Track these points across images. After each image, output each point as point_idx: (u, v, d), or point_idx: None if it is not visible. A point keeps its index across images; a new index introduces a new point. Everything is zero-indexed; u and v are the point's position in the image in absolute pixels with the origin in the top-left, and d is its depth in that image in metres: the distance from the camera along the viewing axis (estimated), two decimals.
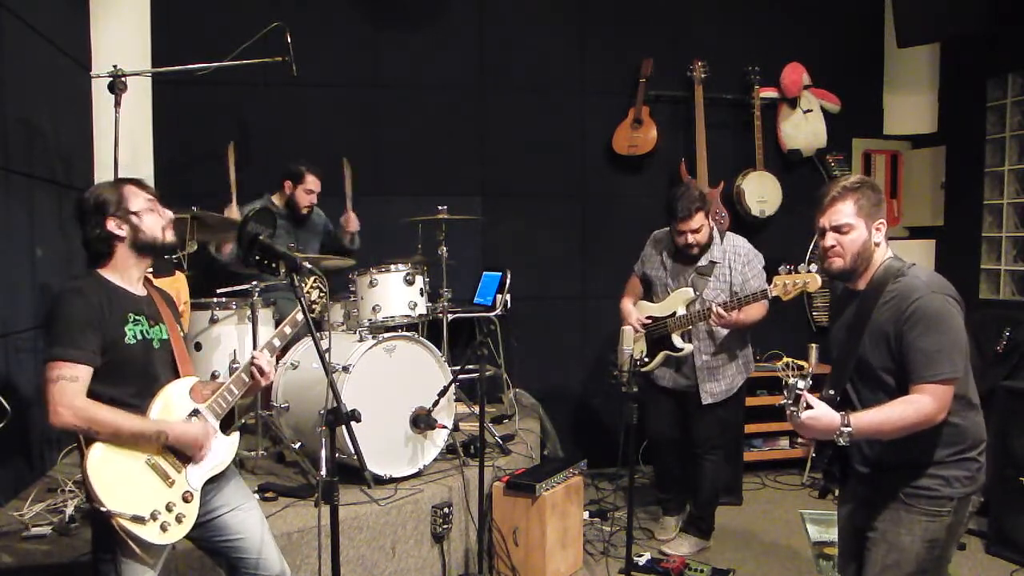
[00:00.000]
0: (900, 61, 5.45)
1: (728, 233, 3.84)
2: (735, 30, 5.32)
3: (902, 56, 5.35)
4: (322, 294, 2.46)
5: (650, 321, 3.83)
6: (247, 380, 2.33)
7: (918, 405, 2.05)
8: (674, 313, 3.73)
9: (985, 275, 4.98)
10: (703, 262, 3.73)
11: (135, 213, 2.21)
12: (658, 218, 5.16)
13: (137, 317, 2.18)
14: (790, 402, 2.01)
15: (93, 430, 2.02)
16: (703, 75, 5.14)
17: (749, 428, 4.80)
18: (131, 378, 2.14)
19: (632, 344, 3.86)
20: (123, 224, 2.20)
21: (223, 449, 2.28)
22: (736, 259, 3.71)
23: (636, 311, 3.87)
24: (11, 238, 3.17)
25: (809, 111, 5.35)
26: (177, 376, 2.27)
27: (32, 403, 3.27)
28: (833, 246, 2.22)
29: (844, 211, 2.19)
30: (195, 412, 2.23)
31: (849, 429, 2.02)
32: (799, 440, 5.18)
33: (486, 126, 5.09)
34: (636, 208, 5.24)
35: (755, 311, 3.59)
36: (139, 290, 2.26)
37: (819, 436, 2.12)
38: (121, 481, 2.04)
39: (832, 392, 2.15)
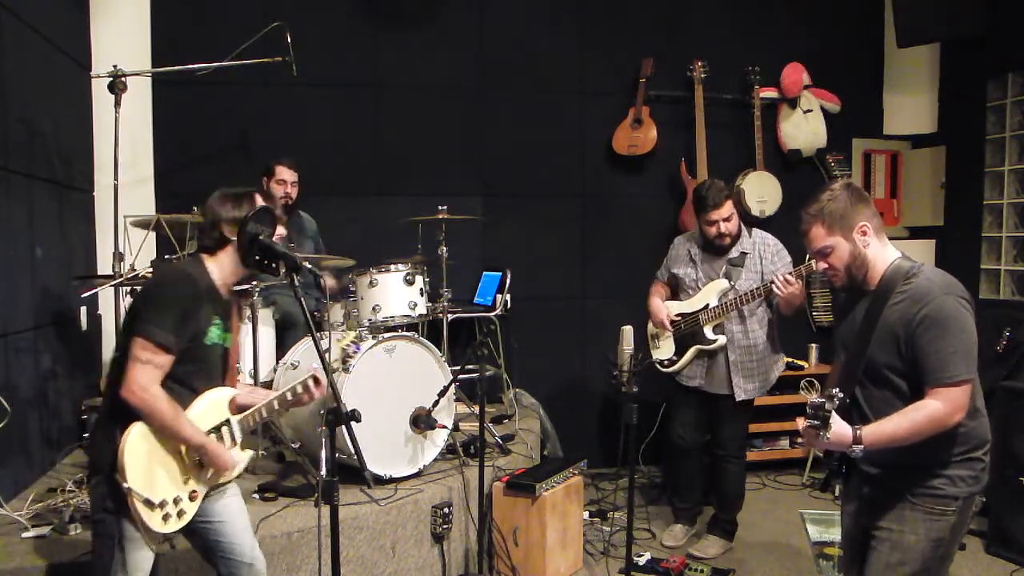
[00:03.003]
0: (900, 61, 5.45)
1: (754, 228, 3.88)
2: (735, 30, 5.32)
3: (902, 56, 5.35)
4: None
5: (679, 318, 3.83)
6: (300, 391, 2.36)
7: (927, 410, 2.05)
8: (707, 305, 3.74)
9: (985, 275, 4.98)
10: (734, 253, 3.76)
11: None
12: (658, 218, 5.21)
13: (218, 320, 2.26)
14: (818, 423, 2.00)
15: (148, 418, 2.10)
16: (703, 75, 5.14)
17: (749, 428, 4.78)
18: (189, 375, 2.21)
19: (632, 344, 3.86)
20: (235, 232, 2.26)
21: (238, 464, 2.34)
22: (766, 249, 3.77)
23: (666, 308, 3.87)
24: (11, 238, 3.16)
25: (809, 111, 5.34)
26: (224, 383, 2.33)
27: (32, 403, 3.27)
28: (826, 268, 2.29)
29: (816, 236, 2.26)
30: (226, 422, 2.29)
31: (861, 446, 2.04)
32: (799, 440, 5.18)
33: (486, 126, 5.09)
34: (636, 208, 5.25)
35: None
36: (227, 295, 2.33)
37: (832, 449, 2.14)
38: (149, 463, 2.12)
39: (842, 394, 2.14)
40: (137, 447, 2.10)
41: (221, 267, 2.28)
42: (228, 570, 2.35)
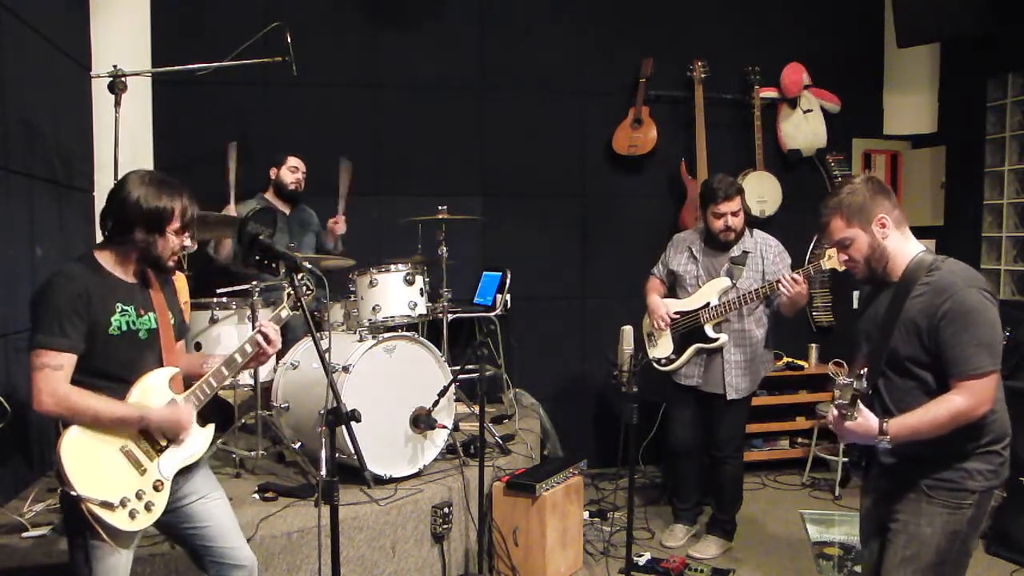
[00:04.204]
0: (900, 61, 5.45)
1: (755, 229, 3.88)
2: (735, 30, 5.32)
3: (902, 56, 5.35)
4: (309, 291, 2.45)
5: (678, 316, 3.82)
6: (249, 351, 2.33)
7: (952, 404, 2.06)
8: (707, 304, 3.72)
9: (985, 275, 4.89)
10: (736, 252, 3.75)
11: (162, 233, 2.19)
12: (658, 218, 5.21)
13: (125, 307, 2.18)
14: (846, 403, 2.02)
15: (75, 417, 2.05)
16: (703, 75, 5.14)
17: (749, 428, 4.78)
18: (108, 366, 2.15)
19: (632, 344, 3.85)
20: (145, 236, 2.19)
21: (197, 441, 2.29)
22: (768, 250, 3.77)
23: (665, 305, 3.86)
24: (11, 238, 3.16)
25: (809, 111, 5.34)
26: (161, 366, 2.27)
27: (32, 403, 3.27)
28: (846, 260, 2.30)
29: (835, 228, 2.27)
30: (171, 403, 2.24)
31: (887, 438, 2.05)
32: (799, 440, 5.18)
33: (486, 126, 5.09)
34: (636, 208, 5.25)
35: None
36: (132, 279, 2.25)
37: (857, 441, 2.15)
38: (93, 466, 2.06)
39: (864, 385, 2.11)
40: (74, 452, 2.04)
41: (118, 260, 2.21)
42: (219, 573, 2.32)
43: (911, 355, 2.15)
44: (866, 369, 2.06)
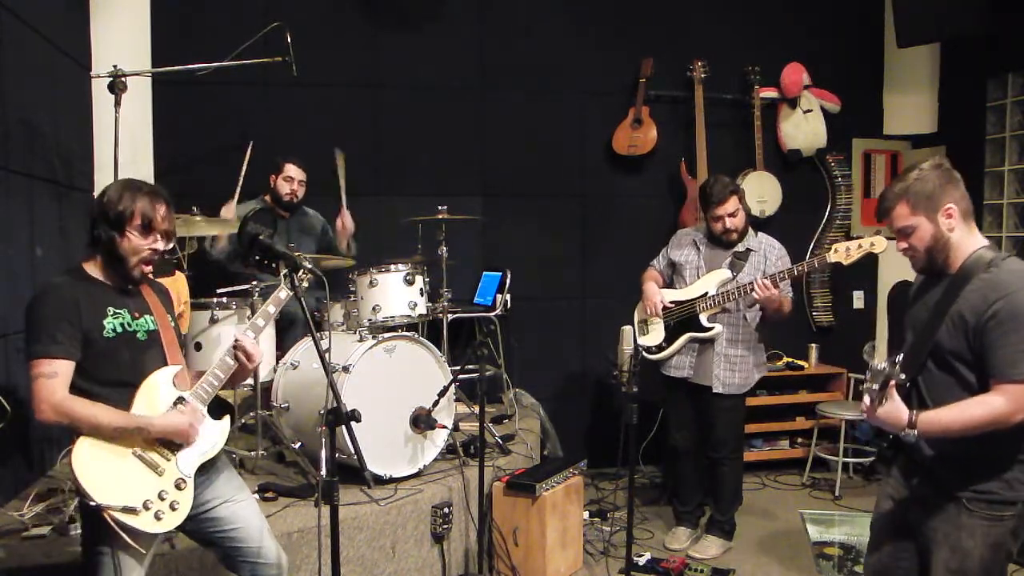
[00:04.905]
0: (900, 61, 5.45)
1: (760, 232, 3.90)
2: (735, 30, 5.32)
3: (902, 56, 5.35)
4: (308, 272, 2.44)
5: (673, 305, 3.82)
6: (231, 363, 2.32)
7: (990, 407, 1.99)
8: (705, 293, 3.72)
9: None
10: (740, 248, 3.77)
11: (124, 232, 2.18)
12: (658, 218, 5.21)
13: (118, 311, 2.19)
14: (875, 387, 1.95)
15: (74, 425, 2.05)
16: (703, 75, 5.14)
17: (749, 428, 4.80)
18: (111, 370, 2.15)
19: (632, 344, 3.85)
20: (106, 235, 2.18)
21: (214, 434, 2.29)
22: (771, 251, 3.78)
23: (660, 293, 3.86)
24: (11, 238, 3.16)
25: (809, 111, 5.34)
26: (166, 365, 2.27)
27: (32, 403, 3.27)
28: (906, 248, 2.21)
29: (900, 215, 2.16)
30: (180, 399, 2.24)
31: (915, 432, 1.99)
32: (799, 440, 5.18)
33: (486, 126, 5.09)
34: (636, 208, 5.25)
35: (785, 303, 3.63)
36: (121, 284, 2.25)
37: (883, 427, 2.08)
38: (109, 474, 2.06)
39: (903, 376, 2.03)
40: (87, 463, 2.03)
41: (101, 265, 2.22)
42: (253, 572, 2.32)
43: (955, 350, 2.08)
44: (902, 355, 1.97)
